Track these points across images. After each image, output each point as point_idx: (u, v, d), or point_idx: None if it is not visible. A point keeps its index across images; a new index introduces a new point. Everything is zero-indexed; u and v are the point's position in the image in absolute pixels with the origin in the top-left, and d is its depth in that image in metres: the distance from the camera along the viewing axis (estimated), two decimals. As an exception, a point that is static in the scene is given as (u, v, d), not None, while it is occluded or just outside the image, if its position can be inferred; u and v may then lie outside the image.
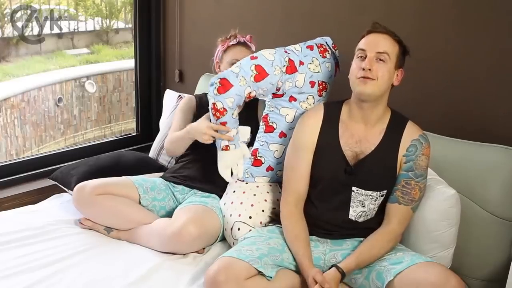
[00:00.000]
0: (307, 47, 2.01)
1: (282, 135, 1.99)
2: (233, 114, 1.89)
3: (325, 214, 1.77)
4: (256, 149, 2.05)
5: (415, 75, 2.12)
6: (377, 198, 1.73)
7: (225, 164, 1.93)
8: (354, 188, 1.73)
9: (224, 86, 1.84)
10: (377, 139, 1.74)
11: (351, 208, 1.74)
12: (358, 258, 1.65)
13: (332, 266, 1.64)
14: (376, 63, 1.66)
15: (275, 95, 2.00)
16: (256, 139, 2.08)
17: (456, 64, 2.03)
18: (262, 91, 1.93)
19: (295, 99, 1.98)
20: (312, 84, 1.97)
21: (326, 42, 2.03)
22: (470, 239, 1.81)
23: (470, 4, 1.96)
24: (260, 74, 1.88)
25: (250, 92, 1.90)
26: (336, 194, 1.75)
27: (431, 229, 1.75)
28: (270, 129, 2.02)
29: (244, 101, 1.93)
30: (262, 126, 2.05)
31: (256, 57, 1.91)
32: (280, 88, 1.95)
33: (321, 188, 1.77)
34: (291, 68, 1.93)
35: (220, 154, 1.94)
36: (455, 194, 1.75)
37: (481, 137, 1.89)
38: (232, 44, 2.19)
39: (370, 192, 1.72)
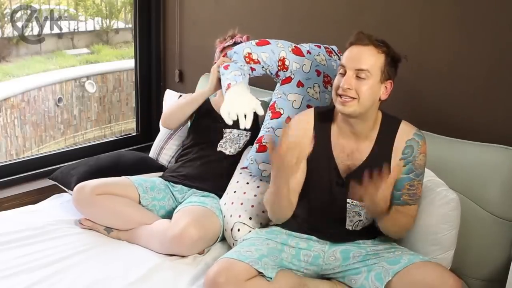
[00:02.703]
0: (315, 45, 2.08)
1: (289, 120, 1.97)
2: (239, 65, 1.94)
3: (323, 224, 1.75)
4: (262, 136, 2.04)
5: (415, 75, 2.12)
6: None
7: (227, 105, 1.71)
8: (348, 200, 1.70)
9: (227, 53, 2.03)
10: (368, 150, 1.69)
11: (347, 219, 1.73)
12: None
13: None
14: (356, 80, 1.57)
15: (284, 81, 2.01)
16: (262, 128, 2.07)
17: (456, 63, 2.03)
18: (265, 57, 1.95)
19: (302, 85, 1.99)
20: (318, 73, 2.01)
21: (332, 48, 2.11)
22: (470, 239, 1.81)
23: (471, 4, 1.97)
24: (261, 42, 1.99)
25: (251, 53, 1.94)
26: (331, 205, 1.73)
27: (431, 231, 1.75)
28: (277, 115, 2.02)
29: (246, 62, 1.95)
30: (269, 115, 2.05)
31: None
32: (288, 67, 1.98)
33: (315, 200, 1.75)
34: (297, 51, 2.01)
35: (226, 94, 1.79)
36: (456, 198, 1.75)
37: (481, 137, 1.89)
38: (229, 45, 2.18)
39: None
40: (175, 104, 2.30)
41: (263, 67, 1.97)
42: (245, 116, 1.68)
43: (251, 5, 2.68)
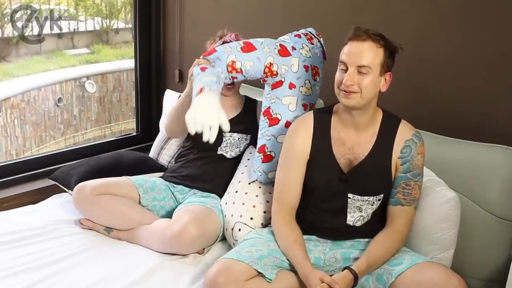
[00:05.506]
0: (295, 35, 2.04)
1: (288, 124, 1.94)
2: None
3: (323, 220, 1.76)
4: (263, 145, 2.00)
5: (415, 74, 2.12)
6: (374, 202, 1.72)
7: (194, 112, 1.63)
8: (350, 195, 1.71)
9: (209, 52, 1.92)
10: (369, 144, 1.71)
11: (348, 214, 1.73)
12: (368, 259, 1.62)
13: (344, 268, 1.61)
14: (357, 75, 1.61)
15: (274, 85, 1.98)
16: (260, 136, 2.03)
17: (456, 63, 2.03)
18: (249, 66, 1.90)
19: (294, 86, 1.97)
20: (306, 68, 1.99)
21: (310, 32, 2.07)
22: (470, 239, 1.81)
23: (471, 4, 1.97)
24: (247, 46, 1.92)
25: (234, 62, 1.88)
26: (332, 201, 1.74)
27: (431, 231, 1.75)
28: (275, 122, 1.98)
29: (228, 71, 1.87)
30: (265, 121, 2.00)
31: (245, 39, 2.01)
32: (277, 72, 1.94)
33: (316, 196, 1.76)
34: (283, 52, 1.96)
35: (196, 98, 1.68)
36: (455, 197, 1.75)
37: (481, 137, 1.89)
38: (218, 46, 2.16)
39: (366, 198, 1.71)
40: (169, 115, 2.22)
41: (245, 76, 1.94)
42: (210, 128, 1.60)
43: (251, 5, 2.68)
